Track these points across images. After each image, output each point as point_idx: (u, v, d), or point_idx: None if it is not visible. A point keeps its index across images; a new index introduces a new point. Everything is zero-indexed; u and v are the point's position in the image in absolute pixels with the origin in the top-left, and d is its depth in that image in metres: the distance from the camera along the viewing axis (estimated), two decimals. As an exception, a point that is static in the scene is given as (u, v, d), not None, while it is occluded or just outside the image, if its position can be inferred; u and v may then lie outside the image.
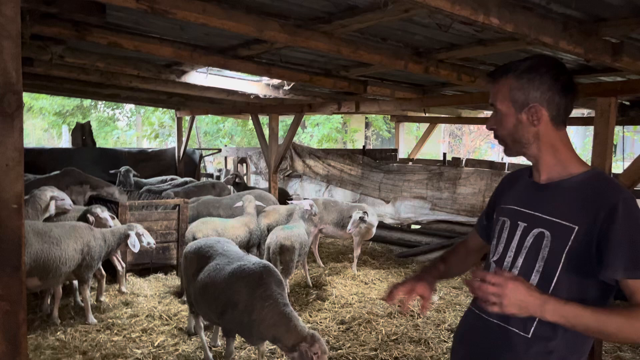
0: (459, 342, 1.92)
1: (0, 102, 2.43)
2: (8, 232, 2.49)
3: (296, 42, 3.80)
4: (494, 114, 1.78)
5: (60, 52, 4.88)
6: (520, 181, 1.88)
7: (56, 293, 5.54)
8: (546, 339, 1.63)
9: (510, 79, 1.71)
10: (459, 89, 6.33)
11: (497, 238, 1.82)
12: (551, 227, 1.65)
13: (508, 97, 1.71)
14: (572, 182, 1.68)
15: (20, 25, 2.49)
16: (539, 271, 1.65)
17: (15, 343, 2.54)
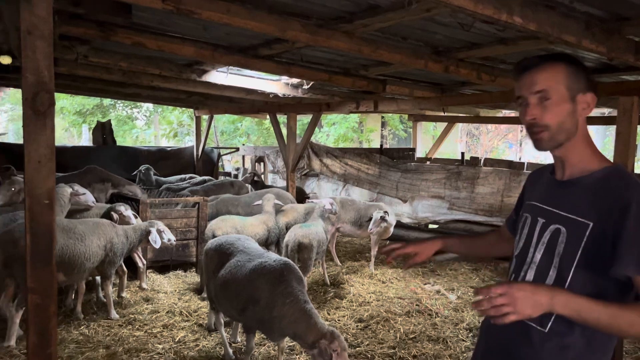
0: (482, 336, 1.96)
1: (33, 101, 2.51)
2: (40, 227, 2.57)
3: (317, 42, 3.84)
4: (535, 103, 1.67)
5: (85, 52, 4.98)
6: (543, 178, 1.89)
7: (80, 288, 5.65)
8: (563, 334, 1.64)
9: (563, 65, 1.68)
10: (479, 87, 6.32)
11: (519, 234, 1.85)
12: (567, 224, 1.66)
13: (563, 83, 1.66)
14: (591, 178, 1.68)
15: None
16: (556, 267, 1.66)
17: (46, 335, 2.62)
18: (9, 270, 4.71)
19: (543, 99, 1.66)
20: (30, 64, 2.48)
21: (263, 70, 5.78)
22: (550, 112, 1.66)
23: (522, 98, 1.70)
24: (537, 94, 1.66)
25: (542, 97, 1.66)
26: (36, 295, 2.59)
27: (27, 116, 2.51)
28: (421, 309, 6.08)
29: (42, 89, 2.51)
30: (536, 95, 1.67)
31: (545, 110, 1.66)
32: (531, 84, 1.67)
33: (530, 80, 1.67)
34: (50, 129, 2.57)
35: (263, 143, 21.64)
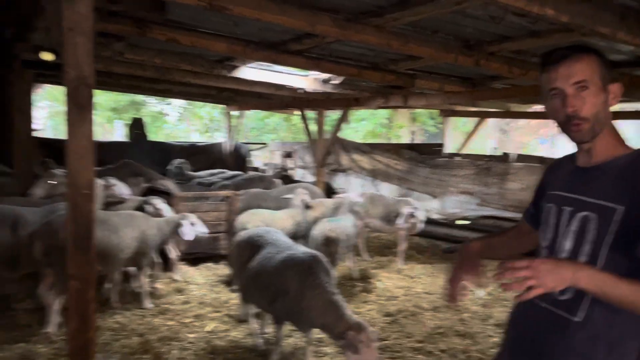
0: (512, 326, 1.95)
1: (75, 95, 2.62)
2: (80, 215, 2.68)
3: (347, 36, 3.87)
4: (574, 94, 1.65)
5: (121, 49, 5.13)
6: (563, 168, 1.88)
7: (115, 279, 5.82)
8: (596, 324, 1.63)
9: (595, 56, 1.67)
10: (510, 82, 6.25)
11: (545, 224, 1.84)
12: (596, 210, 1.64)
13: (598, 73, 1.65)
14: (617, 164, 1.67)
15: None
16: (587, 254, 1.65)
17: (86, 320, 2.74)
18: (49, 259, 4.89)
19: (581, 90, 1.64)
20: (72, 60, 2.59)
21: (293, 66, 5.84)
22: (589, 103, 1.64)
23: (558, 89, 1.66)
24: (576, 84, 1.64)
25: (581, 88, 1.64)
26: (76, 281, 2.71)
27: (69, 110, 2.63)
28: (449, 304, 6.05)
29: (83, 83, 2.62)
30: (574, 86, 1.64)
31: (583, 101, 1.64)
32: (569, 75, 1.64)
33: (568, 71, 1.64)
34: (90, 122, 2.68)
35: (292, 139, 21.76)
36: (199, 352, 4.58)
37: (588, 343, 1.64)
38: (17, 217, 5.12)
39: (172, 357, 4.46)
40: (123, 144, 12.79)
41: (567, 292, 1.65)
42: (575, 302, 1.64)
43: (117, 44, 4.89)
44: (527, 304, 1.73)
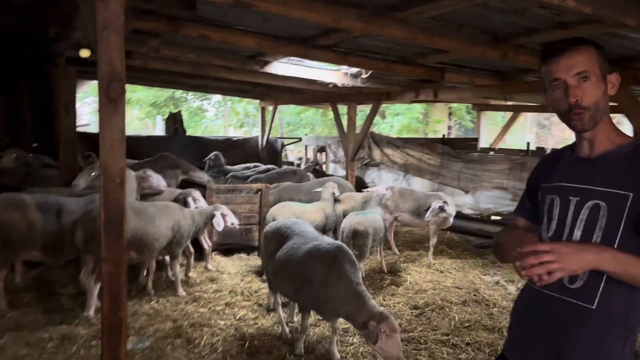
0: (521, 317, 1.95)
1: (107, 89, 2.79)
2: (113, 203, 2.86)
3: (372, 30, 3.93)
4: (576, 84, 1.69)
5: (157, 45, 5.32)
6: (562, 159, 1.91)
7: (150, 267, 6.07)
8: (611, 310, 1.67)
9: (592, 47, 1.72)
10: (541, 75, 6.15)
11: (547, 216, 1.85)
12: (606, 198, 1.68)
13: (598, 64, 1.70)
14: (621, 152, 1.73)
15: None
16: (597, 242, 1.68)
17: (118, 301, 2.92)
18: (89, 246, 5.15)
19: (582, 80, 1.69)
20: (105, 56, 2.76)
21: (322, 60, 5.92)
22: (590, 93, 1.69)
23: (559, 80, 1.71)
24: (577, 75, 1.69)
25: (581, 78, 1.69)
26: (109, 264, 2.89)
27: (102, 103, 2.80)
28: (478, 299, 6.04)
29: (115, 78, 2.78)
30: (576, 77, 1.69)
31: (584, 91, 1.69)
32: (571, 67, 1.68)
33: (570, 63, 1.68)
34: (122, 115, 2.85)
35: (327, 134, 21.87)
36: (229, 338, 4.74)
37: (605, 329, 1.67)
38: (61, 206, 5.41)
39: (203, 342, 4.63)
40: (162, 138, 13.17)
41: (579, 281, 1.69)
42: (589, 290, 1.67)
43: (153, 41, 5.09)
44: (535, 294, 1.80)
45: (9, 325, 4.79)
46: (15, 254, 5.21)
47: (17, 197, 5.29)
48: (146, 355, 4.33)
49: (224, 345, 4.58)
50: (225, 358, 4.35)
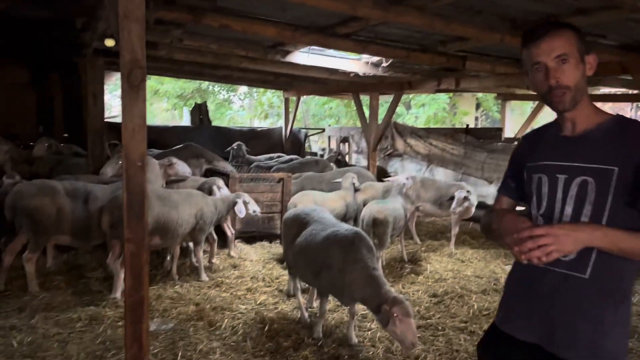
0: (514, 293, 2.03)
1: (128, 76, 2.90)
2: (134, 186, 2.98)
3: (389, 18, 3.95)
4: (556, 66, 1.77)
5: (179, 35, 5.44)
6: (545, 138, 1.99)
7: (174, 252, 6.23)
8: (603, 279, 1.77)
9: (570, 30, 1.80)
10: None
11: (537, 195, 1.93)
12: (593, 174, 1.77)
13: (575, 46, 1.78)
14: (602, 129, 1.82)
15: (145, 11, 2.93)
16: (587, 215, 1.77)
17: (140, 279, 3.05)
18: (115, 231, 5.33)
19: (562, 63, 1.77)
20: (126, 44, 2.86)
21: (341, 49, 5.96)
22: (570, 74, 1.77)
23: (540, 64, 1.80)
24: (557, 58, 1.77)
25: (561, 61, 1.77)
26: (132, 244, 3.01)
27: (124, 90, 2.91)
28: (499, 288, 6.03)
29: (136, 65, 2.89)
30: (556, 60, 1.77)
31: (564, 73, 1.77)
32: (551, 50, 1.77)
33: (550, 46, 1.77)
34: (142, 101, 2.96)
35: (352, 125, 21.87)
36: (249, 322, 4.86)
37: (597, 297, 1.78)
38: (89, 193, 5.61)
39: (224, 325, 4.76)
40: (187, 129, 13.40)
41: (572, 253, 1.74)
42: (582, 261, 1.77)
43: (176, 31, 5.20)
44: (529, 267, 1.83)
45: (40, 306, 5.01)
46: (47, 238, 5.42)
47: (47, 184, 5.50)
48: (169, 337, 4.47)
49: (244, 328, 4.70)
50: (245, 340, 4.47)
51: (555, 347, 1.83)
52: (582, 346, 1.79)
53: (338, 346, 4.42)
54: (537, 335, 1.88)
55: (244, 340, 4.47)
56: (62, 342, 4.29)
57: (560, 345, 1.82)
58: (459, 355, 4.33)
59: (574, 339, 1.80)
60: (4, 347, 4.15)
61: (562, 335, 1.82)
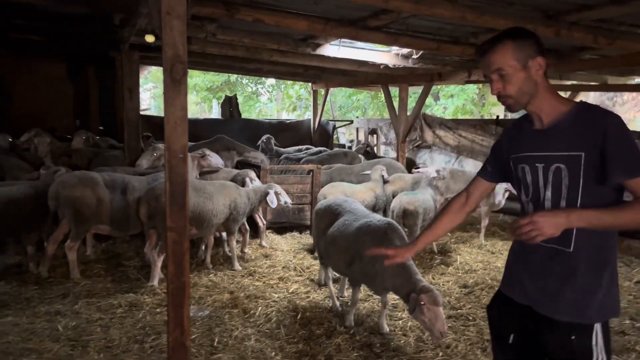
0: (514, 263, 2.31)
1: (171, 71, 3.01)
2: (176, 176, 3.10)
3: (420, 10, 3.97)
4: (496, 79, 2.04)
5: (213, 30, 5.55)
6: (522, 132, 2.23)
7: (209, 242, 6.40)
8: (585, 251, 2.03)
9: (508, 44, 2.02)
10: (598, 52, 5.96)
11: (523, 183, 2.19)
12: (564, 160, 2.02)
13: (512, 57, 2.00)
14: (566, 119, 2.05)
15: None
16: (565, 197, 2.04)
17: (181, 266, 3.18)
18: (152, 221, 5.51)
19: (500, 76, 2.04)
20: (169, 40, 2.97)
21: (372, 41, 5.98)
22: (509, 84, 2.04)
23: (487, 77, 2.09)
24: (496, 72, 2.04)
25: (499, 74, 2.04)
26: (174, 233, 3.14)
27: (166, 84, 3.02)
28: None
29: (178, 60, 2.99)
30: (495, 73, 2.04)
31: (505, 82, 2.04)
32: (489, 65, 2.05)
33: (488, 62, 2.05)
34: (184, 95, 3.07)
35: (379, 116, 21.80)
36: (282, 310, 4.98)
37: (582, 266, 2.05)
38: (126, 184, 5.80)
39: (258, 312, 4.89)
40: (217, 121, 13.58)
41: (554, 235, 1.99)
42: (565, 237, 2.01)
43: (210, 26, 5.32)
44: (524, 244, 2.12)
45: (82, 292, 5.23)
46: (87, 227, 5.64)
47: (88, 175, 5.71)
48: (205, 323, 4.62)
49: (277, 316, 4.83)
50: (279, 328, 4.59)
51: (544, 308, 2.12)
52: (566, 307, 2.07)
53: (370, 334, 4.51)
54: (528, 298, 2.18)
55: (278, 328, 4.59)
56: (105, 326, 4.48)
57: (547, 307, 2.11)
58: (490, 344, 4.36)
59: (560, 302, 2.07)
60: (49, 331, 4.35)
61: (549, 300, 2.10)
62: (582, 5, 4.01)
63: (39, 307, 4.83)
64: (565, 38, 4.57)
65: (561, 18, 4.32)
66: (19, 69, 10.94)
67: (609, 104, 19.36)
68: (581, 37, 4.54)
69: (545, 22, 4.34)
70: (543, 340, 2.14)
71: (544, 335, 2.14)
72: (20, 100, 10.93)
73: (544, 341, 2.14)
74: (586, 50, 5.94)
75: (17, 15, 6.45)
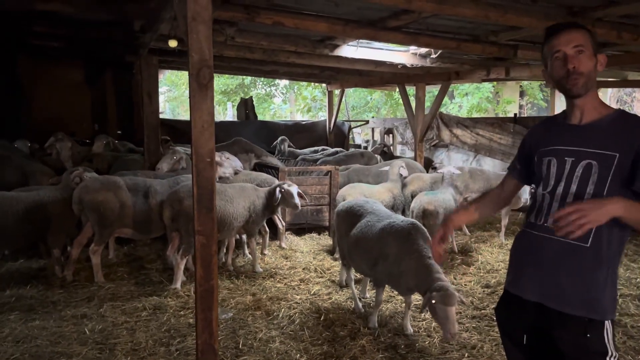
0: (521, 261, 2.29)
1: (197, 76, 3.03)
2: (204, 180, 3.11)
3: (443, 10, 3.95)
4: (574, 55, 2.05)
5: (233, 34, 5.57)
6: (555, 127, 2.25)
7: (230, 244, 6.43)
8: (601, 247, 2.04)
9: (586, 32, 2.08)
10: (621, 48, 5.89)
11: (545, 174, 2.20)
12: (597, 158, 2.04)
13: (590, 43, 2.07)
14: (607, 120, 2.09)
15: (209, 12, 3.05)
16: (590, 193, 2.05)
17: (209, 269, 3.19)
18: (175, 224, 5.55)
19: (579, 52, 2.05)
20: (195, 45, 2.99)
21: (392, 42, 5.97)
22: (585, 63, 2.06)
23: (560, 52, 2.08)
24: (575, 47, 2.05)
25: (579, 51, 2.05)
26: (202, 236, 3.15)
27: (193, 88, 3.04)
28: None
29: (204, 65, 3.01)
30: (574, 49, 2.05)
31: (580, 61, 2.05)
32: (569, 41, 2.06)
33: (569, 38, 2.07)
34: (211, 99, 3.08)
35: (393, 116, 21.74)
36: (305, 311, 4.98)
37: (594, 262, 2.06)
38: (148, 188, 5.85)
39: (281, 314, 4.90)
40: (234, 123, 13.64)
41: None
42: (587, 233, 1.99)
43: (229, 30, 5.34)
44: (534, 238, 2.21)
45: (107, 296, 5.29)
46: (111, 231, 5.69)
47: (111, 179, 5.76)
48: (229, 326, 4.64)
49: (300, 318, 4.83)
50: (302, 329, 4.59)
51: (557, 303, 2.10)
52: (580, 302, 2.07)
53: (394, 335, 4.49)
54: (539, 293, 2.16)
55: (302, 329, 4.59)
56: (130, 329, 4.51)
57: (560, 301, 2.10)
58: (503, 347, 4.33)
59: (573, 297, 2.07)
60: (77, 334, 4.40)
61: (563, 294, 2.09)
62: (610, 2, 3.96)
63: (65, 310, 4.88)
64: (589, 35, 4.51)
65: (586, 14, 4.28)
66: (38, 73, 11.06)
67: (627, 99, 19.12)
68: (605, 33, 4.49)
69: (569, 18, 4.29)
70: (556, 337, 2.12)
71: (556, 332, 2.11)
72: (39, 104, 11.06)
73: (557, 338, 2.11)
74: (609, 46, 5.87)
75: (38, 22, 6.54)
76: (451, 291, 3.80)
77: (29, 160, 7.91)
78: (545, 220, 2.16)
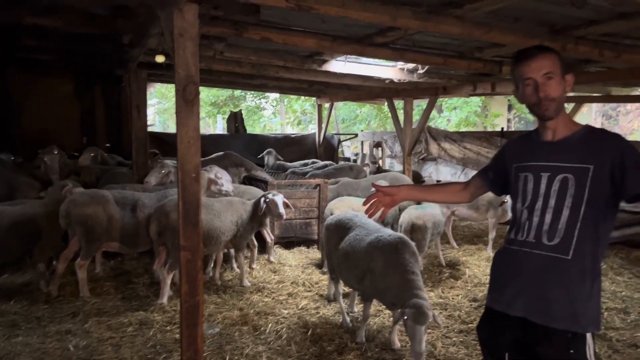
0: (502, 276, 2.32)
1: (183, 91, 3.06)
2: (189, 195, 3.13)
3: (428, 28, 4.01)
4: (544, 82, 2.12)
5: (221, 49, 5.61)
6: (529, 143, 2.33)
7: (217, 259, 6.41)
8: (583, 258, 2.09)
9: (554, 54, 2.17)
10: (604, 65, 6.00)
11: (522, 190, 2.26)
12: (572, 171, 2.12)
13: (559, 66, 2.15)
14: (577, 136, 2.18)
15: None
16: (568, 206, 2.11)
17: (195, 285, 3.19)
18: (162, 238, 5.53)
19: (549, 79, 2.13)
20: (181, 61, 3.02)
21: (379, 58, 6.03)
22: (555, 88, 2.14)
23: (531, 79, 2.15)
24: (545, 75, 2.12)
25: (548, 77, 2.13)
26: (187, 252, 3.16)
27: (179, 104, 3.06)
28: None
29: (190, 81, 3.04)
30: (544, 76, 2.13)
31: (551, 87, 2.13)
32: (539, 68, 2.13)
33: (538, 65, 2.13)
34: (196, 115, 3.11)
35: (383, 129, 21.87)
36: (292, 326, 4.97)
37: (578, 274, 2.11)
38: (136, 201, 5.83)
39: (268, 329, 4.88)
40: (223, 136, 13.65)
41: (556, 238, 2.13)
42: (565, 245, 2.11)
43: (218, 45, 5.38)
44: (514, 253, 2.26)
45: (92, 311, 5.24)
46: (98, 245, 5.66)
47: (99, 193, 5.74)
48: (216, 341, 4.61)
49: (288, 333, 4.81)
50: (290, 344, 4.57)
51: (541, 317, 2.13)
52: (564, 316, 2.10)
53: (381, 350, 4.49)
54: (523, 309, 2.18)
55: (289, 345, 4.57)
56: (116, 345, 4.47)
57: (543, 315, 2.13)
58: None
59: (556, 310, 2.11)
60: (61, 350, 4.34)
61: (546, 308, 2.12)
62: (590, 21, 4.05)
63: (50, 326, 4.83)
64: (571, 52, 4.61)
65: (568, 33, 4.36)
66: (27, 86, 11.02)
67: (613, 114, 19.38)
68: (587, 51, 4.58)
69: (551, 36, 4.38)
70: (539, 352, 2.14)
71: (540, 347, 2.14)
72: (28, 117, 10.99)
73: (540, 353, 2.14)
74: (591, 63, 5.98)
75: (27, 35, 6.54)
76: (424, 310, 3.80)
77: (15, 173, 7.85)
78: (526, 235, 2.21)
